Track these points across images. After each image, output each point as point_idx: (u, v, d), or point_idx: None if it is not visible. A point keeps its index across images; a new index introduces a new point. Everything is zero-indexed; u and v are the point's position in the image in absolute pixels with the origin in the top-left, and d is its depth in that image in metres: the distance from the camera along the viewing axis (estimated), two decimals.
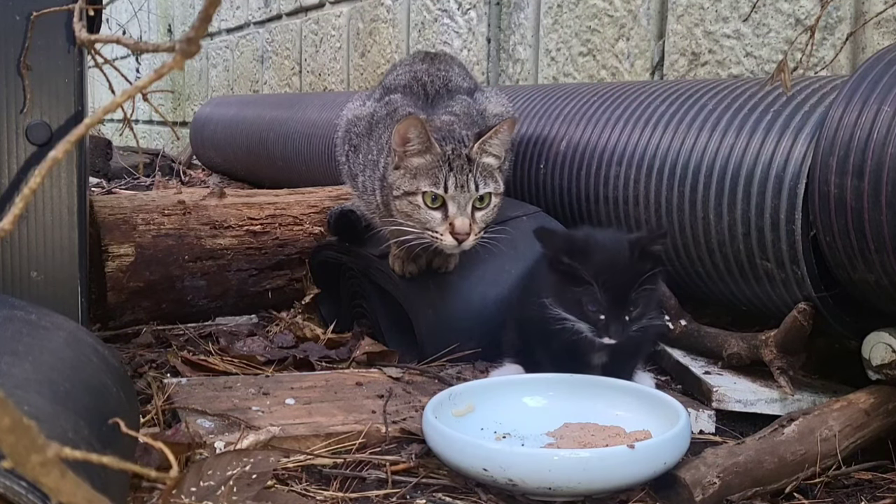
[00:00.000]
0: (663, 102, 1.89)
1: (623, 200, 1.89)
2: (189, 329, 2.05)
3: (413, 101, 1.81)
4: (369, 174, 1.78)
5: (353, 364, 1.81)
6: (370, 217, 1.88)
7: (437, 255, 1.78)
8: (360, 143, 1.84)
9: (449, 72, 1.91)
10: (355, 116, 1.89)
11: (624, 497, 1.24)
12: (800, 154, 1.52)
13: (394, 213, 1.64)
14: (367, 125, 1.83)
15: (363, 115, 1.87)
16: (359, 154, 1.83)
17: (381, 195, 1.72)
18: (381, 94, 1.89)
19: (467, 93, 1.91)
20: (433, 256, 1.79)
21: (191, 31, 0.47)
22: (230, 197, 2.27)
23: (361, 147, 1.82)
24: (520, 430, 1.39)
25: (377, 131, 1.79)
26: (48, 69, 1.46)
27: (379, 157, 1.74)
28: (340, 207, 2.06)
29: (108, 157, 4.74)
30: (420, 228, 1.59)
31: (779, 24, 2.18)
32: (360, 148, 1.83)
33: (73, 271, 1.50)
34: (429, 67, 1.90)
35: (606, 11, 2.76)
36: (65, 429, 0.86)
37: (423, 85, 1.85)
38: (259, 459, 1.19)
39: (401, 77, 1.90)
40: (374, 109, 1.84)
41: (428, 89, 1.85)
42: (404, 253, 1.75)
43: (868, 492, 1.30)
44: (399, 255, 1.78)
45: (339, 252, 2.03)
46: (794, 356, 1.56)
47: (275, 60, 5.43)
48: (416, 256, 1.77)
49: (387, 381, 1.64)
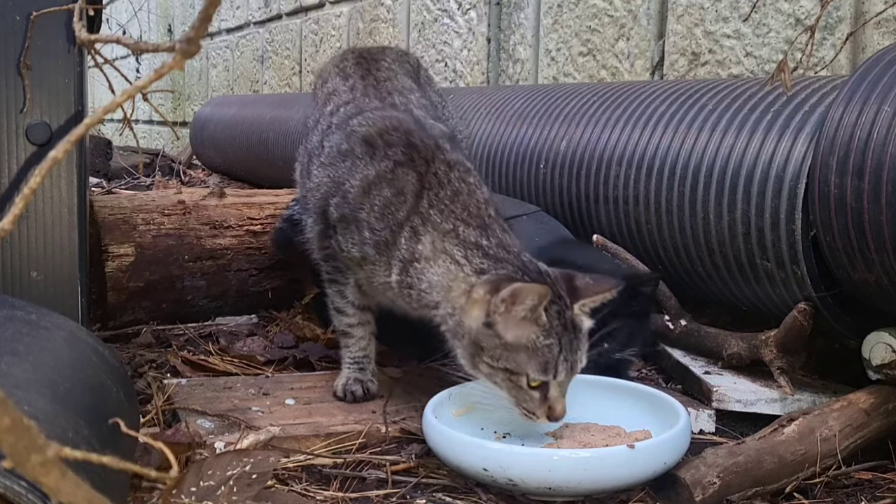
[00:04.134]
0: (663, 102, 1.89)
1: (623, 200, 1.89)
2: (189, 329, 2.05)
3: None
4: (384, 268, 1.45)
5: None
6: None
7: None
8: (359, 215, 1.45)
9: (409, 97, 1.65)
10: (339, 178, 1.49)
11: (624, 497, 1.24)
12: (800, 154, 1.52)
13: (478, 369, 1.33)
14: (362, 191, 1.45)
15: (367, 177, 1.46)
16: (359, 231, 1.45)
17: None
18: (362, 147, 1.48)
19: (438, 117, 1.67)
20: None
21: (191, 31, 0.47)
22: (230, 197, 2.27)
23: (362, 220, 1.44)
24: (520, 430, 1.39)
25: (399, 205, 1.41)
26: (48, 69, 1.46)
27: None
28: (280, 220, 2.10)
29: (108, 157, 4.74)
30: (511, 400, 1.32)
31: (779, 24, 2.18)
32: (359, 223, 1.45)
33: (73, 271, 1.50)
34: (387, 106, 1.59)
35: (606, 11, 2.76)
36: (65, 429, 0.86)
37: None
38: (259, 459, 1.19)
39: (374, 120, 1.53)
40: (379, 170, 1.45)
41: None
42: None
43: (868, 492, 1.30)
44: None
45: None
46: (794, 356, 1.56)
47: (275, 60, 5.43)
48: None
49: (387, 381, 1.64)
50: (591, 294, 1.32)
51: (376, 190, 1.42)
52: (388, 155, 1.44)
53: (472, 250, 1.35)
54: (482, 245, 1.36)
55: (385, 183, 1.42)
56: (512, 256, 1.35)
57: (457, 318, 1.33)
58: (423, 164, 1.42)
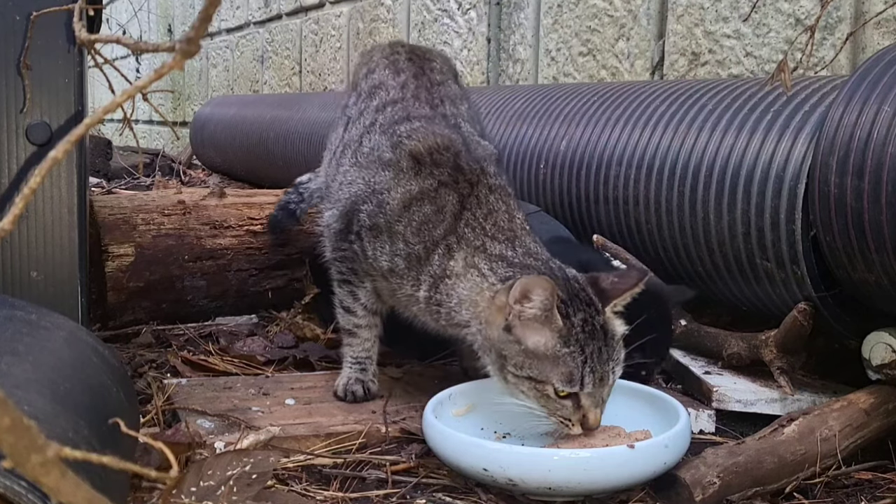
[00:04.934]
0: (663, 102, 1.89)
1: (623, 200, 1.89)
2: (189, 329, 2.06)
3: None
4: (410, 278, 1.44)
5: None
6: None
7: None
8: (390, 226, 1.45)
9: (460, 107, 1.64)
10: (369, 188, 1.49)
11: (624, 497, 1.24)
12: (800, 154, 1.52)
13: (507, 382, 1.30)
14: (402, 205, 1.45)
15: (409, 191, 1.46)
16: (392, 243, 1.45)
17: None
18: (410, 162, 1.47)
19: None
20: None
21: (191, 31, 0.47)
22: (230, 197, 2.27)
23: (397, 232, 1.44)
24: (520, 430, 1.39)
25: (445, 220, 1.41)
26: (48, 69, 1.46)
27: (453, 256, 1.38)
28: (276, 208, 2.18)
29: (108, 157, 4.74)
30: (543, 410, 1.29)
31: (779, 24, 2.18)
32: (393, 234, 1.45)
33: (73, 271, 1.50)
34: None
35: (606, 11, 2.76)
36: (65, 429, 0.86)
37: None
38: (259, 459, 1.19)
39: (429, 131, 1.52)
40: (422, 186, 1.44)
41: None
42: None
43: (868, 492, 1.30)
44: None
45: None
46: (794, 356, 1.56)
47: (275, 60, 5.43)
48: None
49: (387, 381, 1.64)
50: (620, 293, 1.29)
51: (417, 206, 1.43)
52: (434, 174, 1.44)
53: (497, 262, 1.35)
54: (507, 256, 1.36)
55: (427, 201, 1.42)
56: (539, 263, 1.34)
57: (484, 331, 1.32)
58: (466, 187, 1.43)
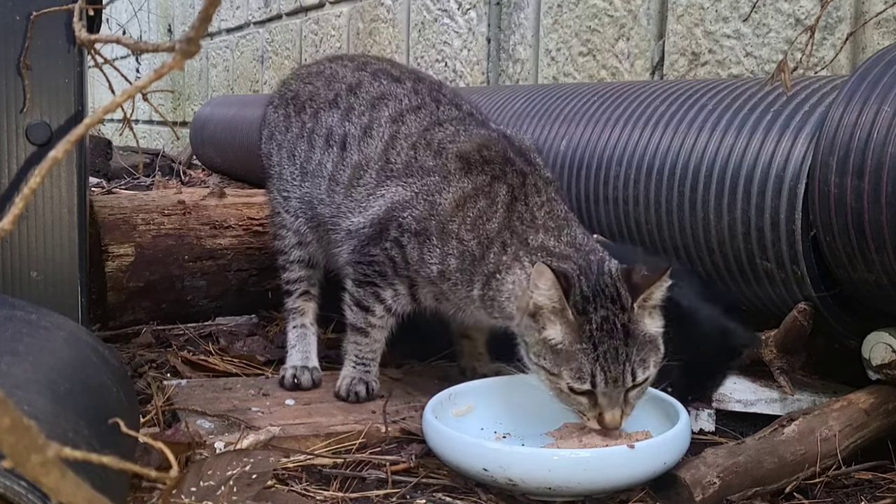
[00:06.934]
0: (663, 102, 1.89)
1: (623, 200, 1.89)
2: (189, 329, 2.06)
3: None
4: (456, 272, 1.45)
5: None
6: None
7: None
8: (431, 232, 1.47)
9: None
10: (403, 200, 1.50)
11: (624, 497, 1.24)
12: (800, 154, 1.52)
13: (528, 368, 1.33)
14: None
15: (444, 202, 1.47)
16: (444, 244, 1.46)
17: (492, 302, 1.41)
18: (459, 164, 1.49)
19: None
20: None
21: (191, 31, 0.47)
22: (230, 197, 2.27)
23: (432, 235, 1.46)
24: (520, 430, 1.39)
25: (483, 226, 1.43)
26: (48, 69, 1.46)
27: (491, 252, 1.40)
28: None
29: (108, 157, 4.74)
30: (563, 402, 1.30)
31: (779, 24, 2.18)
32: (445, 235, 1.45)
33: (73, 271, 1.50)
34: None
35: (606, 11, 2.76)
36: (65, 429, 0.86)
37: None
38: (259, 459, 1.19)
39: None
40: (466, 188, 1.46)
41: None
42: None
43: (868, 492, 1.30)
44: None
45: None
46: (794, 356, 1.56)
47: (275, 60, 5.43)
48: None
49: (387, 381, 1.64)
50: (648, 286, 1.26)
51: (471, 203, 1.44)
52: (486, 170, 1.46)
53: (538, 253, 1.36)
54: (548, 246, 1.37)
55: (482, 195, 1.44)
56: (579, 255, 1.34)
57: (518, 319, 1.33)
58: (518, 178, 1.45)
